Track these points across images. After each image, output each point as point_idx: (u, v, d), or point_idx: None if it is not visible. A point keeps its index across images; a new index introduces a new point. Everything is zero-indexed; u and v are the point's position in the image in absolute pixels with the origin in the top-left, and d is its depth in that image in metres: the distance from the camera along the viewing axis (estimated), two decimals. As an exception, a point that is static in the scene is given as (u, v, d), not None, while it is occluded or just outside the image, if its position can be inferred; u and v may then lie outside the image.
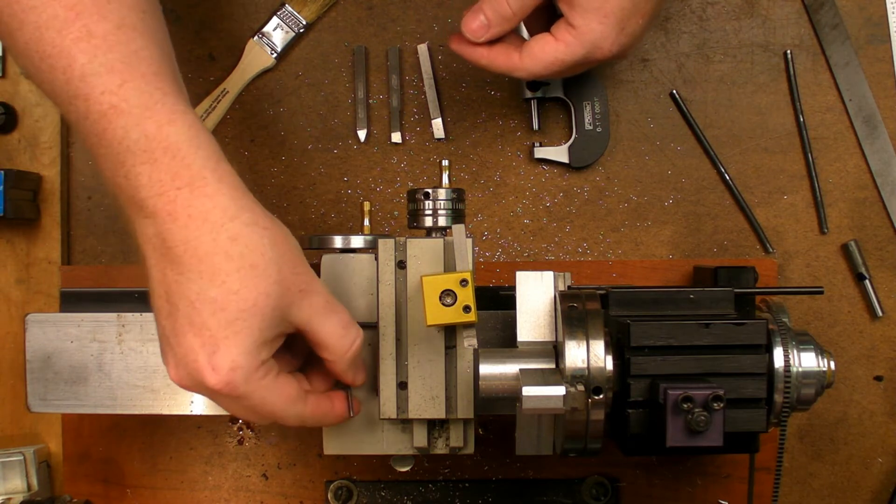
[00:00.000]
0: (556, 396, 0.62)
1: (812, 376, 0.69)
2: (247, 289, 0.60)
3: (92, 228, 0.90)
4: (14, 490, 0.85)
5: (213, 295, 0.60)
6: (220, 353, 0.60)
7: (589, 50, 0.74)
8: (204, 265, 0.60)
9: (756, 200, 0.90)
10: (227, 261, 0.60)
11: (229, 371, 0.60)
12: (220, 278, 0.60)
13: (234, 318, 0.60)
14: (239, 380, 0.61)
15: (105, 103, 0.59)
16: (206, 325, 0.60)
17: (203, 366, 0.60)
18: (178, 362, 0.62)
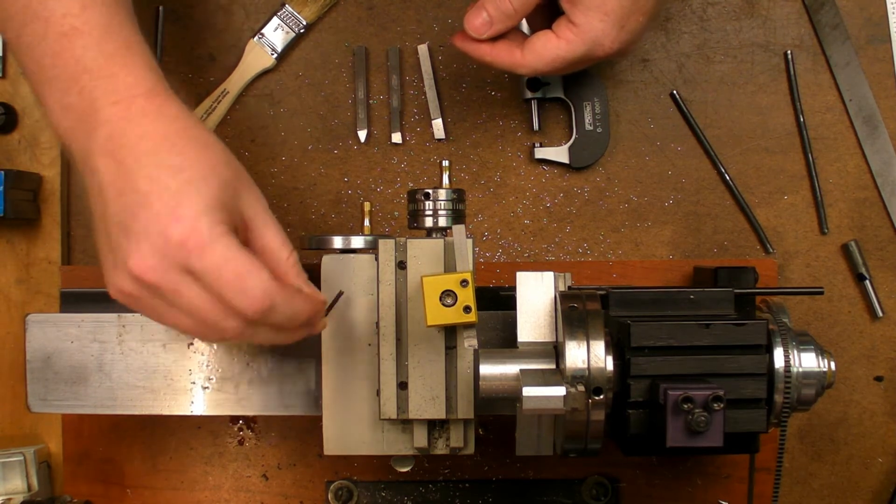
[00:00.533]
0: (556, 397, 0.62)
1: (812, 377, 0.69)
2: (205, 158, 0.63)
3: (92, 228, 0.90)
4: (14, 490, 0.85)
5: (172, 162, 0.61)
6: (183, 205, 0.60)
7: (590, 47, 0.74)
8: (161, 145, 0.62)
9: (756, 200, 0.90)
10: (184, 138, 0.63)
11: (193, 217, 0.60)
12: (178, 149, 0.62)
13: (194, 178, 0.61)
14: (204, 225, 0.60)
15: (66, 25, 0.62)
16: (167, 187, 0.60)
17: (167, 221, 0.60)
18: (138, 237, 0.60)
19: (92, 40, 0.63)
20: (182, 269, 0.61)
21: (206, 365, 0.78)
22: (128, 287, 0.62)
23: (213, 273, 0.60)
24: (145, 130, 0.62)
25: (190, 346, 0.78)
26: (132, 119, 0.62)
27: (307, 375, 0.78)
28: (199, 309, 0.62)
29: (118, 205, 0.61)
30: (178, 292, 0.61)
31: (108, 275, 0.63)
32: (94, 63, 0.63)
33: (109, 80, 0.63)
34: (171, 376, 0.78)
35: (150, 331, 0.78)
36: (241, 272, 0.61)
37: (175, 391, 0.78)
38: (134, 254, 0.60)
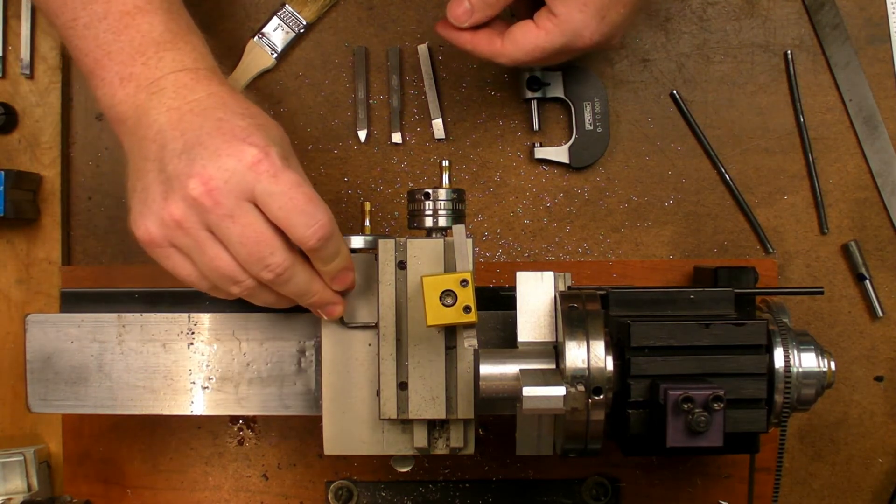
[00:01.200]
0: (556, 397, 0.62)
1: (812, 377, 0.69)
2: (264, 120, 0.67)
3: (92, 228, 0.90)
4: (14, 490, 0.85)
5: (240, 110, 0.66)
6: (255, 135, 0.64)
7: (569, 38, 0.74)
8: (228, 98, 0.66)
9: (756, 201, 0.90)
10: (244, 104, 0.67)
11: (266, 146, 0.63)
12: (244, 105, 0.67)
13: (263, 123, 0.66)
14: (275, 154, 0.63)
15: (130, 4, 0.67)
16: (238, 125, 0.64)
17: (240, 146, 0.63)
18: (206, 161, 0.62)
19: (158, 18, 0.68)
20: (246, 193, 0.63)
21: (206, 365, 0.78)
22: (178, 213, 0.63)
23: (285, 195, 0.63)
24: (212, 89, 0.66)
25: (190, 346, 0.78)
26: (200, 81, 0.67)
27: (307, 375, 0.78)
28: (251, 238, 0.63)
29: (181, 141, 0.64)
30: (235, 217, 0.63)
31: (153, 207, 0.64)
32: (162, 38, 0.67)
33: (177, 52, 0.67)
34: (171, 376, 0.78)
35: (150, 331, 0.78)
36: (312, 196, 0.65)
37: (175, 391, 0.78)
38: (198, 174, 0.62)
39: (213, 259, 0.64)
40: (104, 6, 0.67)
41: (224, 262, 0.65)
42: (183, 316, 0.78)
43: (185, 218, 0.63)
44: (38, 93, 0.89)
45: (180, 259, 0.66)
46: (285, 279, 0.66)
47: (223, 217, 0.62)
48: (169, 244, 0.65)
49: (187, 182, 0.62)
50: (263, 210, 0.63)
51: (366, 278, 0.74)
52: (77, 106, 0.90)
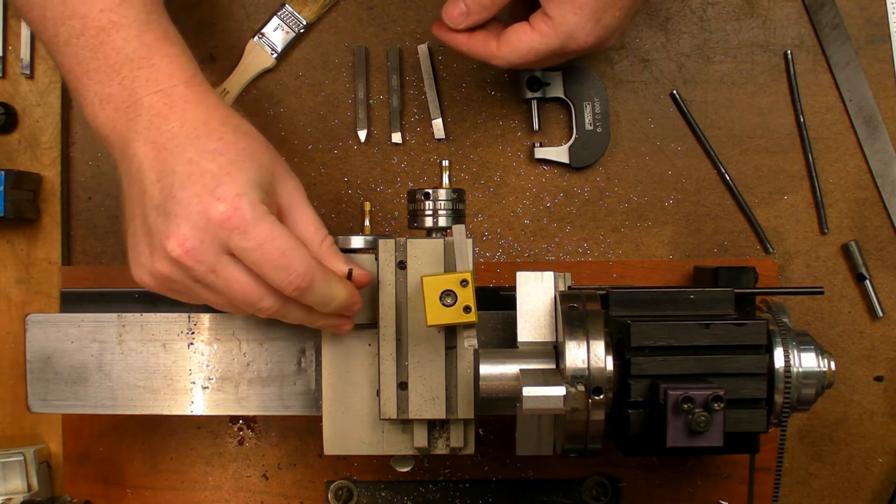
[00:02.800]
0: (556, 397, 0.62)
1: (812, 377, 0.69)
2: (244, 142, 0.65)
3: (92, 228, 0.90)
4: (14, 490, 0.85)
5: (212, 147, 0.63)
6: (225, 184, 0.62)
7: (564, 41, 0.74)
8: (200, 130, 0.64)
9: (756, 201, 0.90)
10: (223, 125, 0.65)
11: (235, 197, 0.62)
12: (216, 135, 0.64)
13: (235, 160, 0.63)
14: (245, 205, 0.62)
15: (104, 19, 0.65)
16: (207, 170, 0.62)
17: (209, 201, 0.61)
18: (179, 219, 0.61)
19: (132, 32, 0.65)
20: (222, 248, 0.62)
21: (206, 365, 0.78)
22: (165, 270, 0.63)
23: (256, 250, 0.62)
24: (186, 116, 0.64)
25: (190, 346, 0.78)
26: (174, 105, 0.64)
27: (307, 375, 0.78)
28: (236, 289, 0.64)
29: (157, 188, 0.63)
30: (217, 272, 0.63)
31: (142, 259, 0.65)
32: (136, 53, 0.65)
33: (150, 69, 0.65)
34: (171, 376, 0.78)
35: (150, 331, 0.78)
36: (284, 249, 0.63)
37: (175, 391, 0.78)
38: (174, 235, 0.62)
39: (209, 300, 0.66)
40: (81, 22, 0.65)
41: (220, 303, 0.67)
42: (183, 316, 0.78)
43: (173, 273, 0.64)
44: (38, 93, 0.88)
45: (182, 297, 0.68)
46: (282, 315, 0.67)
47: (206, 273, 0.63)
48: (166, 290, 0.67)
49: (166, 243, 0.62)
50: (241, 262, 0.63)
51: (366, 278, 0.74)
52: (77, 106, 0.90)
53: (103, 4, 0.65)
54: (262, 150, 0.67)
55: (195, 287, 0.65)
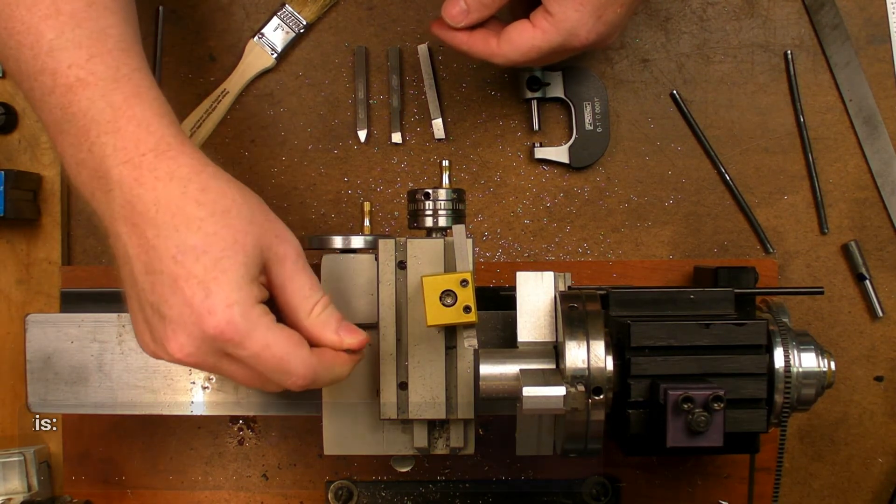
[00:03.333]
0: (556, 397, 0.62)
1: (812, 377, 0.69)
2: (225, 229, 0.61)
3: (92, 228, 0.90)
4: (14, 490, 0.85)
5: (193, 242, 0.60)
6: (213, 293, 0.60)
7: (565, 38, 0.74)
8: (178, 218, 0.60)
9: (756, 201, 0.90)
10: (200, 208, 0.61)
11: (225, 308, 0.60)
12: (195, 225, 0.60)
13: (219, 258, 0.60)
14: (237, 315, 0.60)
15: (72, 76, 0.61)
16: (193, 274, 0.60)
17: (200, 313, 0.60)
18: (174, 326, 0.60)
19: (98, 91, 0.61)
20: (221, 353, 0.62)
21: (206, 365, 0.78)
22: (170, 359, 0.63)
23: (253, 359, 0.62)
24: (159, 198, 0.60)
25: (190, 346, 0.78)
26: (144, 183, 0.60)
27: (307, 375, 0.78)
28: (243, 380, 0.64)
29: (148, 283, 0.61)
30: (220, 369, 0.63)
31: (148, 343, 0.64)
32: (101, 116, 0.61)
33: (116, 135, 0.61)
34: (171, 376, 0.78)
35: (150, 331, 0.78)
36: (280, 357, 0.62)
37: (175, 391, 0.78)
38: (171, 340, 0.61)
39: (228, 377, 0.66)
40: (51, 79, 0.61)
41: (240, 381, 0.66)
42: (183, 316, 0.78)
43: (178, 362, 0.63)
44: (38, 93, 0.88)
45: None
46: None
47: (210, 369, 0.63)
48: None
49: (166, 345, 0.61)
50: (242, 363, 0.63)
51: (366, 278, 0.74)
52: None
53: (71, 59, 0.61)
54: (243, 229, 0.62)
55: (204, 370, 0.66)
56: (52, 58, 0.61)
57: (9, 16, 0.62)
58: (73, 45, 0.61)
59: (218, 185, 0.62)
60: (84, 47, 0.61)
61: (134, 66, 0.63)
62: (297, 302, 0.65)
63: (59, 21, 0.61)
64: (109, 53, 0.62)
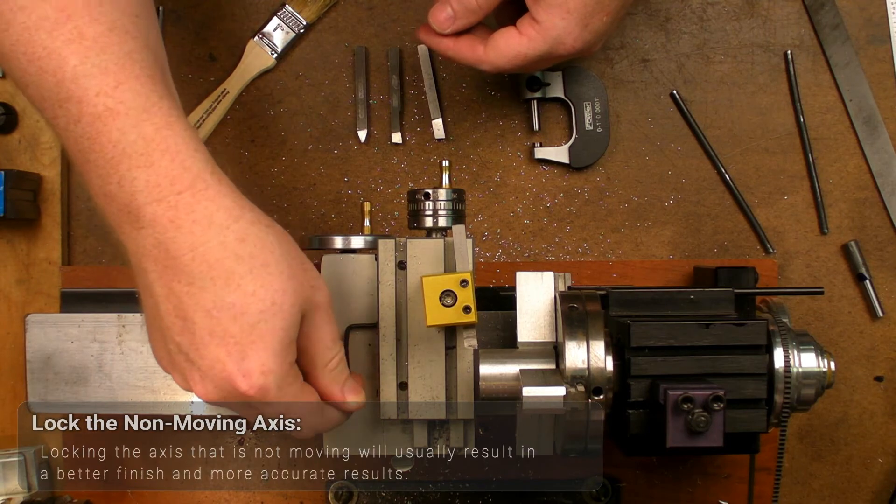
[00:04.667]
0: (556, 397, 0.62)
1: (812, 377, 0.69)
2: (264, 289, 0.59)
3: (92, 228, 0.90)
4: (14, 490, 0.85)
5: (231, 300, 0.58)
6: (250, 358, 0.59)
7: (551, 45, 0.74)
8: (215, 271, 0.58)
9: (756, 201, 0.90)
10: (239, 263, 0.59)
11: (261, 375, 0.59)
12: (234, 282, 0.58)
13: (257, 321, 0.59)
14: (271, 384, 0.60)
15: (100, 105, 0.58)
16: (229, 333, 0.59)
17: (234, 374, 0.59)
18: (204, 375, 0.60)
19: (128, 122, 0.58)
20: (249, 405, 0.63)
21: (206, 365, 0.78)
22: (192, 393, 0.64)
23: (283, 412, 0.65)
24: (195, 244, 0.58)
25: (190, 346, 0.78)
26: (181, 226, 0.58)
27: (307, 375, 0.78)
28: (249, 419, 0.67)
29: (178, 326, 0.60)
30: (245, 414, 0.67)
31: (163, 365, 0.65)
32: (133, 149, 0.58)
33: (149, 169, 0.58)
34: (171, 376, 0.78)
35: (150, 331, 0.78)
36: (297, 417, 0.65)
37: (175, 391, 0.78)
38: (199, 385, 0.61)
39: None
40: (77, 108, 0.58)
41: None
42: (183, 316, 0.78)
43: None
44: (38, 93, 0.88)
45: None
46: None
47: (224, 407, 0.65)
48: None
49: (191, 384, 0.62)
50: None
51: (366, 278, 0.74)
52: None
53: (98, 87, 0.57)
54: (284, 287, 0.60)
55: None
56: (77, 85, 0.58)
57: (28, 40, 0.58)
58: (99, 71, 0.58)
59: (257, 233, 0.60)
60: (111, 73, 0.58)
61: (162, 94, 0.59)
62: (319, 352, 0.65)
63: (83, 46, 0.58)
64: (137, 79, 0.58)
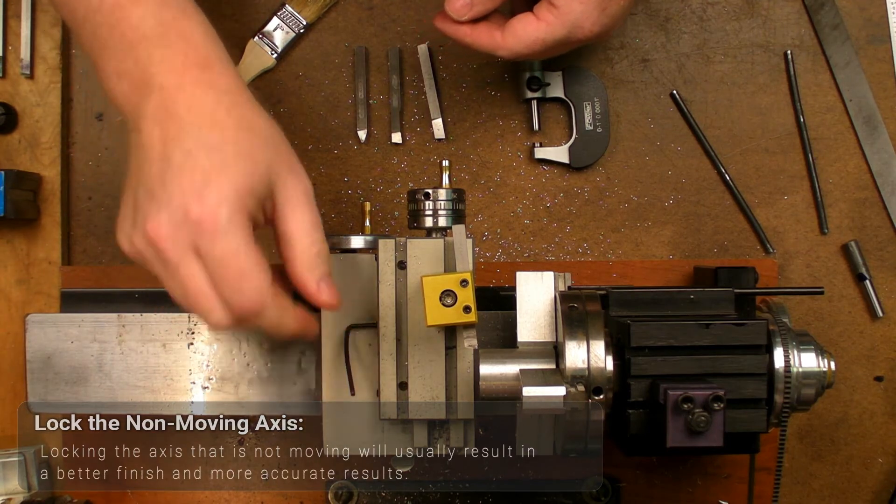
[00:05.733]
0: (556, 397, 0.62)
1: (812, 377, 0.69)
2: (244, 140, 0.63)
3: (92, 228, 0.90)
4: (14, 490, 0.85)
5: (211, 141, 0.62)
6: (211, 185, 0.61)
7: (570, 30, 0.74)
8: (204, 119, 0.63)
9: (756, 201, 0.90)
10: (228, 116, 0.64)
11: (216, 202, 0.61)
12: (219, 127, 0.63)
13: (229, 161, 0.62)
14: (224, 212, 0.61)
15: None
16: (199, 165, 0.62)
17: (190, 197, 0.61)
18: (160, 206, 0.62)
19: (148, 9, 0.64)
20: (191, 246, 0.62)
21: (206, 365, 0.78)
22: (139, 245, 0.64)
23: (217, 261, 0.62)
24: (193, 102, 0.63)
25: (190, 346, 0.78)
26: (184, 88, 0.64)
27: (307, 375, 0.78)
28: (192, 289, 0.63)
29: (154, 170, 0.63)
30: (180, 266, 0.63)
31: (125, 229, 0.65)
32: (152, 32, 0.64)
33: (166, 49, 0.64)
34: (171, 376, 0.78)
35: (150, 331, 0.78)
36: (243, 269, 0.62)
37: (175, 391, 0.78)
38: (152, 218, 0.62)
39: (170, 290, 0.65)
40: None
41: (180, 298, 0.65)
42: (183, 316, 0.78)
43: (145, 250, 0.64)
44: (38, 93, 0.88)
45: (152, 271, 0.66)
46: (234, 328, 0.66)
47: (168, 262, 0.63)
48: (139, 261, 0.66)
49: (144, 224, 0.63)
50: (204, 265, 0.63)
51: (366, 278, 0.74)
52: (77, 106, 0.90)
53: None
54: (262, 148, 0.64)
55: (161, 271, 0.65)
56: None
57: None
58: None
59: (251, 106, 0.65)
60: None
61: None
62: (296, 232, 0.66)
63: None
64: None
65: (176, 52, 0.64)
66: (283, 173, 0.65)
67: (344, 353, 0.74)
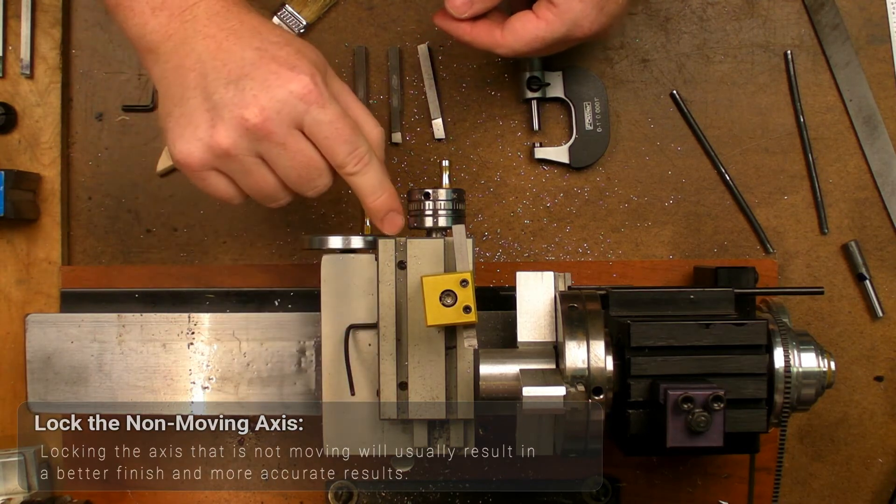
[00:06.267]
0: (556, 397, 0.62)
1: (812, 377, 0.69)
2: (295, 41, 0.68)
3: (92, 228, 0.90)
4: (14, 490, 0.85)
5: (275, 39, 0.67)
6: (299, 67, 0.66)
7: (569, 28, 0.75)
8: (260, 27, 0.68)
9: (756, 201, 0.90)
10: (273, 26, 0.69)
11: (311, 76, 0.65)
12: (276, 31, 0.68)
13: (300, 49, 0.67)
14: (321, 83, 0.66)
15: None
16: (278, 55, 0.66)
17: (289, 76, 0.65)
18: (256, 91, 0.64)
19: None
20: (296, 122, 0.66)
21: (206, 365, 0.78)
22: (226, 142, 0.66)
23: (331, 124, 0.66)
24: (243, 18, 0.67)
25: (190, 346, 0.78)
26: (230, 9, 0.67)
27: (307, 375, 0.78)
28: (302, 162, 0.67)
29: (224, 71, 0.66)
30: (287, 145, 0.66)
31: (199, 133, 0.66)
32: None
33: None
34: (171, 376, 0.78)
35: (150, 331, 0.78)
36: (355, 128, 0.68)
37: (175, 391, 0.78)
38: (252, 104, 0.65)
39: (258, 182, 0.68)
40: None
41: (269, 184, 0.68)
42: (183, 316, 0.78)
43: (235, 146, 0.66)
44: (38, 93, 0.88)
45: (220, 180, 0.69)
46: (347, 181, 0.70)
47: (276, 144, 0.66)
48: (210, 168, 0.68)
49: (242, 112, 0.65)
50: (310, 137, 0.66)
51: (366, 278, 0.74)
52: (77, 106, 0.90)
53: None
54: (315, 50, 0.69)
55: (250, 163, 0.67)
56: None
57: None
58: None
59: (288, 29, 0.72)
60: None
61: None
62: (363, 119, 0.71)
63: None
64: None
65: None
66: (331, 72, 0.70)
67: (344, 353, 0.74)
